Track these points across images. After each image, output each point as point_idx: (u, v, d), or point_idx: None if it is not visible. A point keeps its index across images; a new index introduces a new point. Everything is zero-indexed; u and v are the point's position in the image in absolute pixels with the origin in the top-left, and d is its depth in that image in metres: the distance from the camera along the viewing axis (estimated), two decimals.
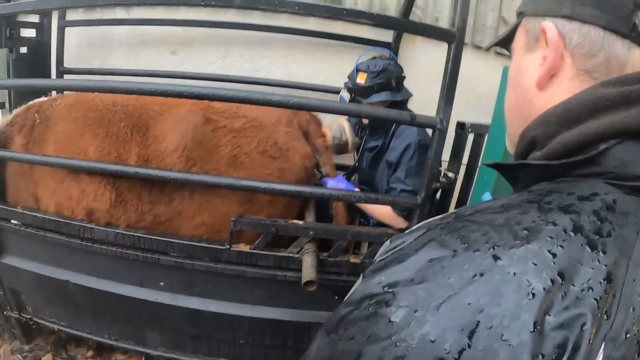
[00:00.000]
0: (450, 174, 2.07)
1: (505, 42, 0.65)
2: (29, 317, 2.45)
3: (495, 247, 0.39)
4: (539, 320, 0.34)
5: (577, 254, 0.38)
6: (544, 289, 0.35)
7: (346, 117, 2.32)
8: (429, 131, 1.77)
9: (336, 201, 2.02)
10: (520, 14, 0.58)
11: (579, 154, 0.48)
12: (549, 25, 0.52)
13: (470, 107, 2.54)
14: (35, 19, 2.82)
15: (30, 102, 2.29)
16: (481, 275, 0.37)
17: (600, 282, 0.36)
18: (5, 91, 2.81)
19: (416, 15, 2.70)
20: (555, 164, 0.49)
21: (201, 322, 2.04)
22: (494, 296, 0.35)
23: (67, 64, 2.99)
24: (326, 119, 2.15)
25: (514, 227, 0.40)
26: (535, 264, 0.37)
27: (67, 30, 2.96)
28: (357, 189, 2.17)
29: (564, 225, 0.40)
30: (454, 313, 0.36)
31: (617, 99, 0.47)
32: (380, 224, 2.14)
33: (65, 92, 2.59)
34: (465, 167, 2.08)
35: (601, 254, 0.38)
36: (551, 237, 0.39)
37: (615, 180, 0.45)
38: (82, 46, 3.13)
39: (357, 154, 2.51)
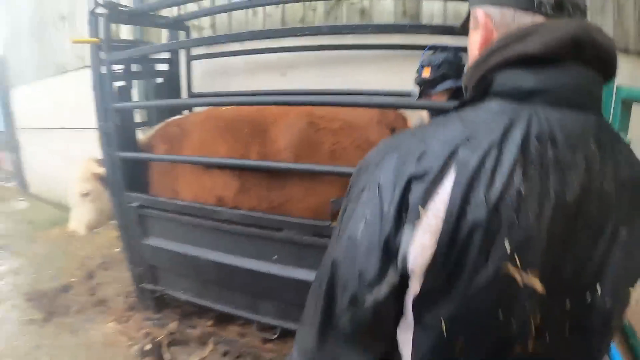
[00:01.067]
0: None
1: (465, 27, 0.91)
2: (161, 289, 3.03)
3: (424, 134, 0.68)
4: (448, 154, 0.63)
5: (465, 132, 0.65)
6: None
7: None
8: None
9: None
10: (470, 6, 0.82)
11: (483, 84, 0.73)
12: (479, 12, 0.76)
13: None
14: (167, 55, 3.50)
15: (168, 120, 2.92)
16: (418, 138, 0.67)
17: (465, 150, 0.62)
18: (145, 112, 3.57)
19: None
20: (469, 96, 0.76)
21: (306, 292, 2.49)
22: (420, 145, 0.65)
23: (195, 89, 3.65)
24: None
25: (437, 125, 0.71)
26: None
27: (193, 63, 3.62)
28: None
29: (460, 125, 0.67)
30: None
31: (501, 44, 0.70)
32: None
33: (194, 111, 3.24)
34: None
35: (474, 138, 0.64)
36: (451, 130, 0.67)
37: (500, 95, 0.69)
38: (205, 75, 3.78)
39: None
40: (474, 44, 0.79)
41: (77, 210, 3.10)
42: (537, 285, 0.61)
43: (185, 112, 3.36)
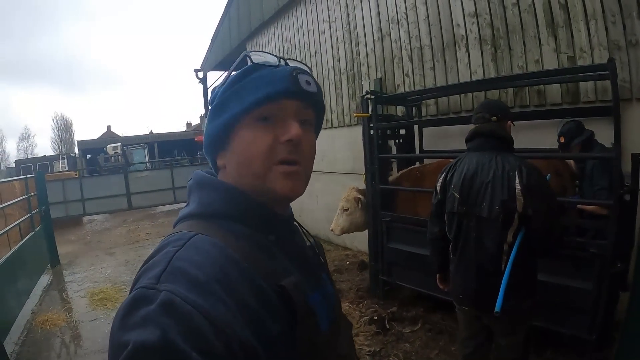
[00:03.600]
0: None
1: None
2: (390, 280, 4.49)
3: None
4: None
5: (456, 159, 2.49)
6: None
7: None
8: None
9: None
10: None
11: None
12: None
13: None
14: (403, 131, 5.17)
15: (410, 167, 4.49)
16: None
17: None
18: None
19: None
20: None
21: None
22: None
23: (425, 147, 5.14)
24: None
25: None
26: None
27: (424, 129, 5.19)
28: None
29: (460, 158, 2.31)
30: None
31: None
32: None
33: (424, 162, 4.79)
34: None
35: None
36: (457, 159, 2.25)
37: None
38: (432, 137, 5.23)
39: None
40: None
41: (337, 218, 4.79)
42: (457, 195, 2.30)
43: (417, 163, 4.91)
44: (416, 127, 5.16)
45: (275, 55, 0.81)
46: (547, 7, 4.03)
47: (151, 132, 27.47)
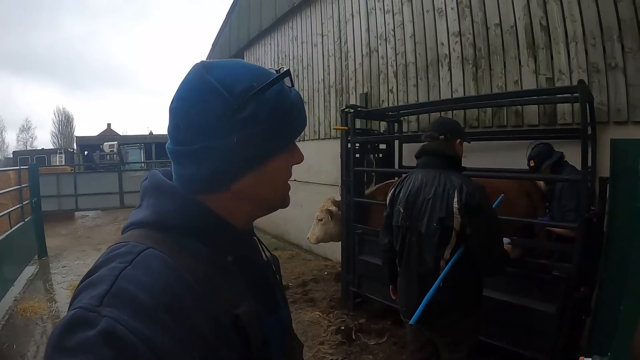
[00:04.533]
0: None
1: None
2: (360, 291, 4.46)
3: None
4: None
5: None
6: None
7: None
8: None
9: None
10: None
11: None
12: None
13: None
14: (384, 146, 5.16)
15: (386, 182, 4.47)
16: None
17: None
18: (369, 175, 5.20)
19: None
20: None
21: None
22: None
23: (404, 163, 5.11)
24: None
25: None
26: None
27: (405, 145, 5.13)
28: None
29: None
30: None
31: None
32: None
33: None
34: None
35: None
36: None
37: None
38: (411, 153, 5.14)
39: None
40: None
41: (313, 227, 4.78)
42: (402, 210, 2.30)
43: (396, 178, 4.87)
44: (397, 143, 5.14)
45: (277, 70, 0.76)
46: (528, 28, 4.04)
47: (151, 133, 27.37)
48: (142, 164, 18.77)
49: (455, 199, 2.08)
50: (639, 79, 3.37)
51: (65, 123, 55.17)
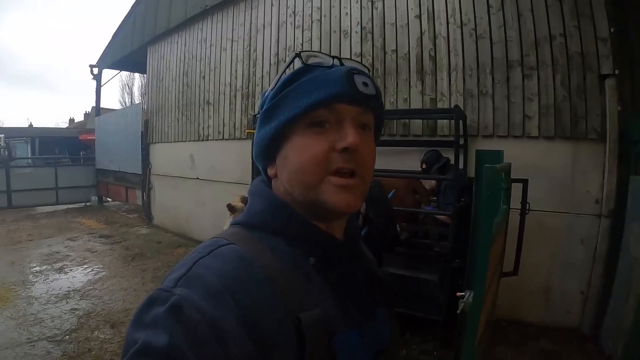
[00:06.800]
0: None
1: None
2: None
3: None
4: None
5: None
6: None
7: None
8: None
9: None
10: None
11: None
12: None
13: None
14: None
15: None
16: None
17: None
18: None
19: None
20: None
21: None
22: None
23: None
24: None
25: None
26: None
27: None
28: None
29: None
30: None
31: None
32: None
33: None
34: None
35: None
36: None
37: None
38: None
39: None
40: None
41: (225, 221, 5.08)
42: None
43: None
44: None
45: (329, 55, 0.73)
46: (419, 57, 4.76)
47: (31, 125, 24.44)
48: (29, 160, 16.28)
49: None
50: (503, 103, 4.29)
51: None
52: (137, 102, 28.59)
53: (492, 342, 3.71)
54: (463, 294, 2.19)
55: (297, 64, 0.73)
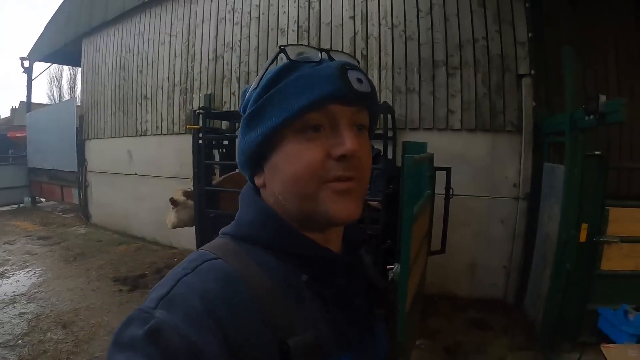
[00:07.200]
0: None
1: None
2: None
3: None
4: None
5: None
6: None
7: None
8: None
9: None
10: None
11: None
12: None
13: None
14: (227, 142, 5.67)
15: (231, 172, 5.01)
16: None
17: None
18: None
19: None
20: None
21: None
22: None
23: None
24: None
25: None
26: None
27: None
28: None
29: None
30: None
31: None
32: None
33: None
34: None
35: None
36: None
37: None
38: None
39: None
40: None
41: (168, 215, 5.08)
42: None
43: (237, 169, 5.41)
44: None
45: (317, 48, 0.66)
46: (352, 55, 5.03)
47: None
48: None
49: None
50: (428, 99, 4.66)
51: None
52: (66, 95, 27.39)
53: (425, 315, 4.03)
54: (392, 266, 2.45)
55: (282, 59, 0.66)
